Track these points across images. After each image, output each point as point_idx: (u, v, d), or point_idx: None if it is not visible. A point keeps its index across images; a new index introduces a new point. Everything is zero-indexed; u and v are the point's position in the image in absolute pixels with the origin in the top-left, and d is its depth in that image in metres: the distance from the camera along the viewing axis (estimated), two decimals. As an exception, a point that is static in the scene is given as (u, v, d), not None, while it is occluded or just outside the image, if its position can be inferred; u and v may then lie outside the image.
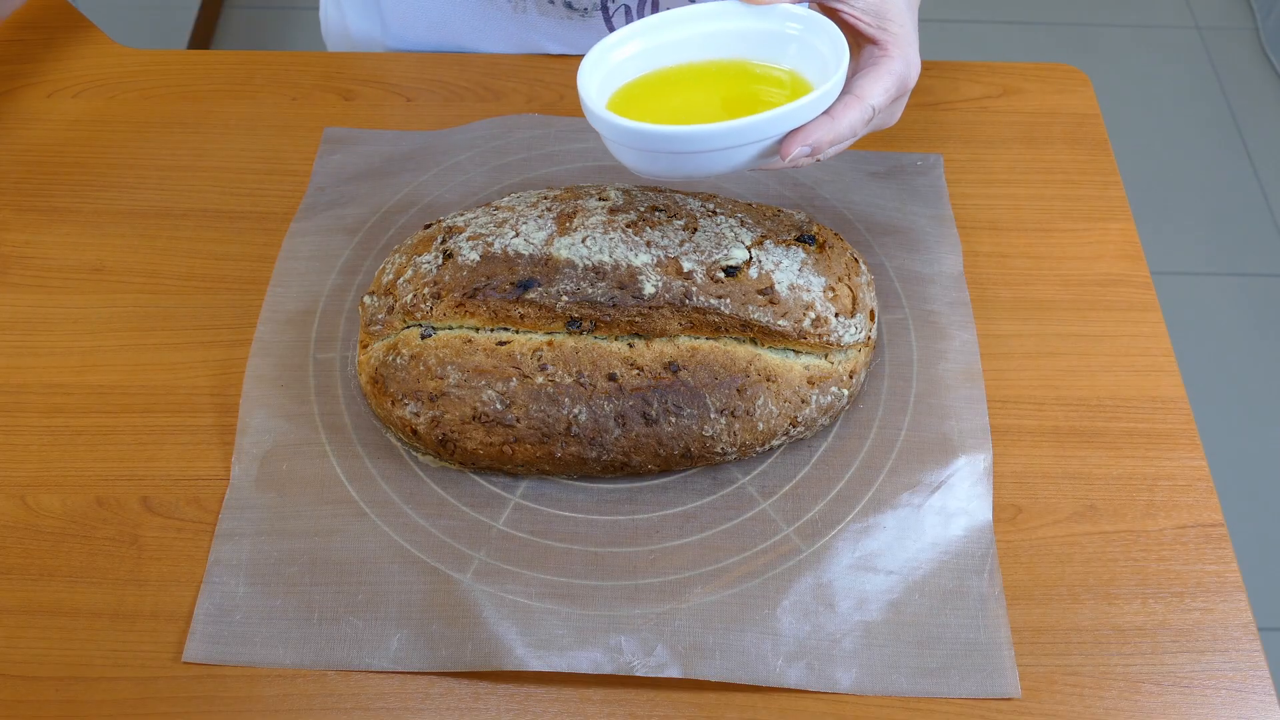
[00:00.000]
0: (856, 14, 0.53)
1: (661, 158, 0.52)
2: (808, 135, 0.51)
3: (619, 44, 0.54)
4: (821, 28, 0.53)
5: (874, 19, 0.53)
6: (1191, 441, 0.62)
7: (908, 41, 0.54)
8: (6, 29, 0.82)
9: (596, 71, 0.54)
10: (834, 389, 0.59)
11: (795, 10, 0.54)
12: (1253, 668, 0.55)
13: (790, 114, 0.50)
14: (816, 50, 0.54)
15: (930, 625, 0.55)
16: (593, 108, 0.51)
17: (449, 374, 0.57)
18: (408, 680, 0.54)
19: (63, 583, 0.56)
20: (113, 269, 0.69)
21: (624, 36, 0.55)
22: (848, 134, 0.52)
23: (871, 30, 0.54)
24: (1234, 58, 2.04)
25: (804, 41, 0.54)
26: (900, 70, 0.53)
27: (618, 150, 0.53)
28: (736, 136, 0.50)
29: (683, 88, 0.56)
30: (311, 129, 0.76)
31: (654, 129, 0.50)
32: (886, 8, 0.53)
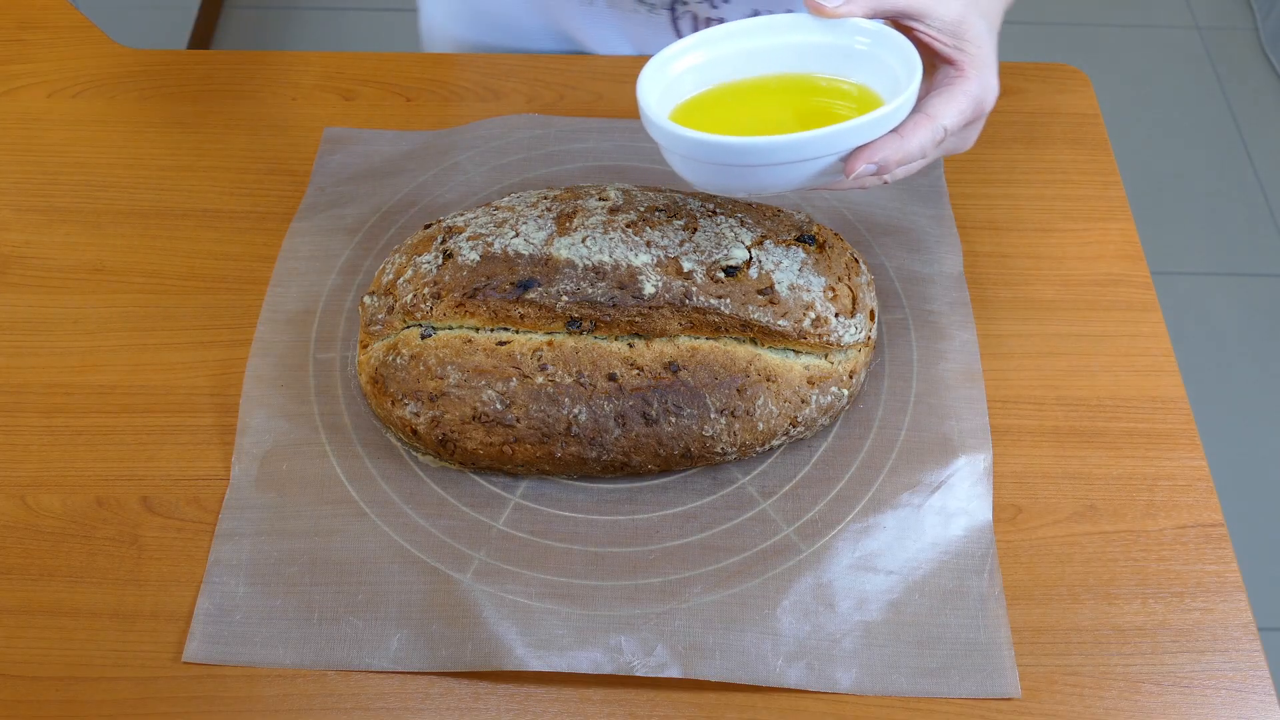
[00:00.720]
0: (933, 33, 0.51)
1: (721, 170, 0.50)
2: (874, 152, 0.49)
3: (680, 54, 0.53)
4: (893, 43, 0.51)
5: (951, 39, 0.51)
6: (1191, 441, 0.62)
7: (985, 64, 0.52)
8: (6, 29, 0.82)
9: (657, 82, 0.52)
10: (834, 389, 0.59)
11: (865, 25, 0.52)
12: (1253, 668, 0.55)
13: (857, 129, 0.48)
14: (888, 67, 0.51)
15: (930, 625, 0.55)
16: (652, 117, 0.50)
17: (449, 374, 0.57)
18: (408, 680, 0.54)
19: (63, 583, 0.56)
20: (113, 269, 0.69)
21: (685, 47, 0.53)
22: (917, 154, 0.50)
23: (948, 50, 0.51)
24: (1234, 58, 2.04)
25: (874, 57, 0.52)
26: (976, 93, 0.51)
27: (676, 162, 0.52)
28: (800, 150, 0.48)
29: (747, 101, 0.54)
30: (311, 129, 0.76)
31: (714, 139, 0.48)
32: (965, 28, 0.51)
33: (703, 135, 0.48)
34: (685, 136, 0.49)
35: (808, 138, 0.47)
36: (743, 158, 0.49)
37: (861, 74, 0.53)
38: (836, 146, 0.48)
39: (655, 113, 0.50)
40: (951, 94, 0.51)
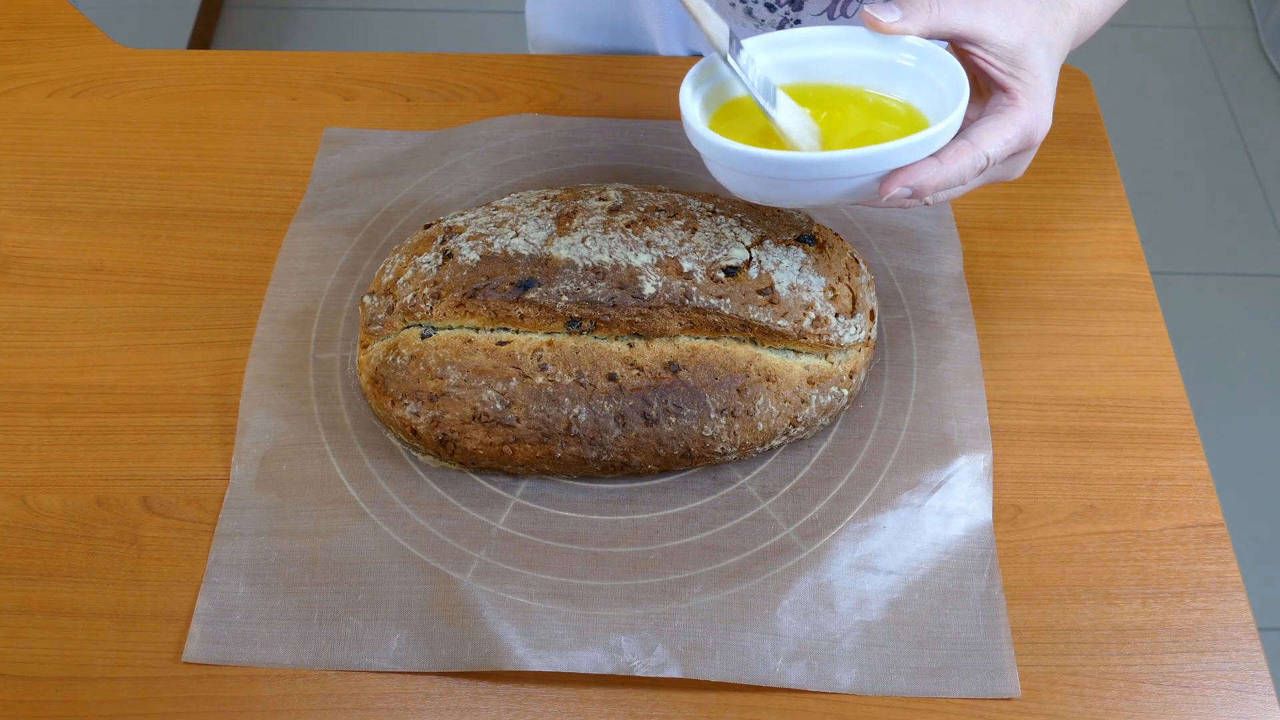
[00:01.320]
0: (990, 58, 0.50)
1: (757, 181, 0.50)
2: (910, 176, 0.48)
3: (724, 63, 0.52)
4: (942, 64, 0.50)
5: (1008, 65, 0.50)
6: (1191, 441, 0.62)
7: (1040, 94, 0.50)
8: (6, 29, 0.82)
9: (700, 88, 0.52)
10: (834, 389, 0.59)
11: (915, 43, 0.51)
12: (1253, 668, 0.55)
13: (895, 152, 0.47)
14: (936, 87, 0.51)
15: (930, 625, 0.55)
16: (693, 125, 0.50)
17: (449, 374, 0.57)
18: (408, 680, 0.54)
19: (63, 583, 0.56)
20: (113, 269, 0.69)
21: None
22: (956, 181, 0.49)
23: (1003, 77, 0.50)
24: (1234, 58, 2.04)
25: (922, 76, 0.51)
26: (1026, 123, 0.50)
27: (715, 169, 0.51)
28: (838, 169, 0.47)
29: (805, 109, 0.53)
30: (311, 129, 0.76)
31: (749, 151, 0.48)
32: (1024, 55, 0.50)
33: (737, 146, 0.48)
34: (721, 146, 0.49)
35: (845, 157, 0.47)
36: (777, 170, 0.48)
37: (909, 92, 0.52)
38: (875, 167, 0.48)
39: (696, 119, 0.50)
40: (1000, 123, 0.49)
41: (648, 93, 0.79)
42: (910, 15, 0.50)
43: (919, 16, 0.50)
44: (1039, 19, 0.51)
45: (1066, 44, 0.53)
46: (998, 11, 0.50)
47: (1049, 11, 0.51)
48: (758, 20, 0.77)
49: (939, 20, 0.50)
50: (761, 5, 0.75)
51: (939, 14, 0.49)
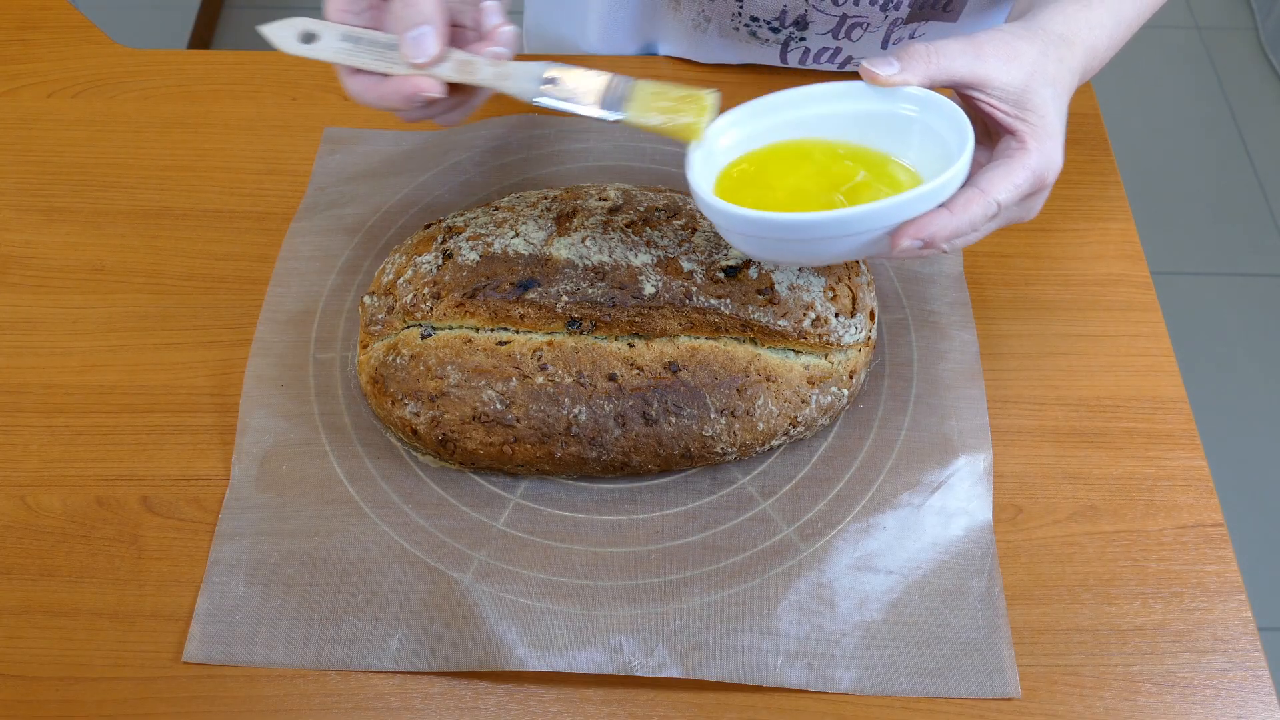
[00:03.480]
0: (994, 102, 0.49)
1: (768, 243, 0.50)
2: (921, 229, 0.47)
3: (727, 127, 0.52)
4: (944, 112, 0.49)
5: (1014, 108, 0.49)
6: (1191, 441, 0.62)
7: (1048, 134, 0.49)
8: (6, 29, 0.82)
9: (704, 153, 0.51)
10: (834, 389, 0.59)
11: (918, 93, 0.50)
12: (1253, 668, 0.55)
13: (903, 205, 0.46)
14: (938, 136, 0.50)
15: (930, 625, 0.55)
16: (699, 192, 0.49)
17: (449, 374, 0.57)
18: (408, 680, 0.54)
19: (63, 583, 0.56)
20: (113, 269, 0.69)
21: (733, 120, 0.52)
22: (967, 229, 0.48)
23: (1009, 120, 0.49)
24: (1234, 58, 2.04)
25: (926, 125, 0.50)
26: (1035, 165, 0.49)
27: (726, 234, 0.51)
28: (846, 226, 0.47)
29: (796, 169, 0.53)
30: (311, 129, 0.76)
31: (758, 216, 0.47)
32: (1029, 96, 0.49)
33: (747, 212, 0.48)
34: (730, 212, 0.48)
35: (852, 214, 0.46)
36: (787, 232, 0.48)
37: (914, 142, 0.51)
38: (884, 221, 0.47)
39: (701, 186, 0.50)
40: (1009, 167, 0.48)
41: (648, 93, 0.79)
42: (908, 66, 0.49)
43: (917, 67, 0.49)
44: (1041, 59, 0.50)
45: (1073, 81, 0.52)
46: (998, 55, 0.49)
47: (1051, 50, 0.50)
48: (762, 40, 0.77)
49: (938, 69, 0.49)
50: (765, 28, 0.75)
51: (938, 63, 0.49)
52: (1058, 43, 0.51)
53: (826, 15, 0.72)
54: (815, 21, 0.73)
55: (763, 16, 0.74)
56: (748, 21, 0.75)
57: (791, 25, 0.74)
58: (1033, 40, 0.50)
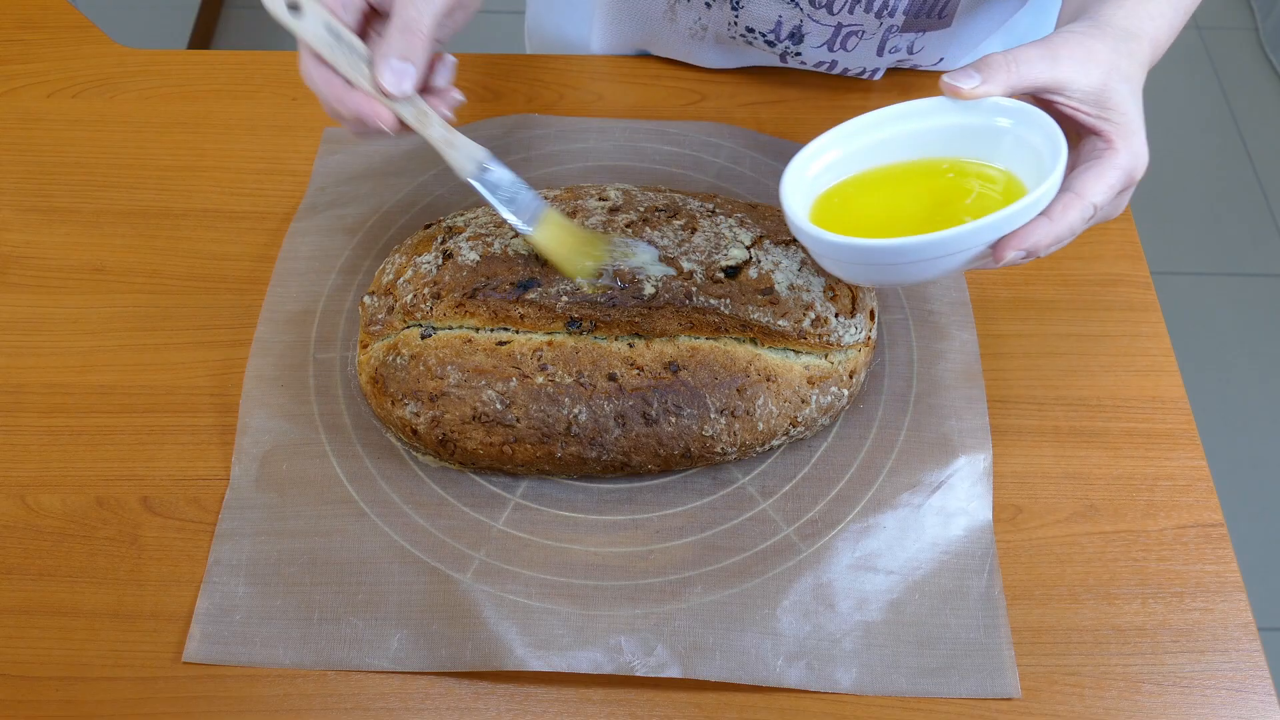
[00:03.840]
0: (1075, 105, 0.49)
1: (870, 269, 0.50)
2: (1024, 239, 0.47)
3: (819, 152, 0.52)
4: (1035, 121, 0.49)
5: (1095, 108, 0.49)
6: (1191, 441, 0.62)
7: (1133, 131, 0.49)
8: (6, 29, 0.82)
9: (800, 180, 0.51)
10: (834, 389, 0.59)
11: (1005, 103, 0.50)
12: (1253, 668, 0.55)
13: (1006, 219, 0.47)
14: (1030, 144, 0.50)
15: (930, 625, 0.55)
16: (797, 222, 0.49)
17: (449, 374, 0.57)
18: (408, 680, 0.54)
19: (63, 583, 0.56)
20: (113, 269, 0.69)
21: (825, 144, 0.52)
22: (1067, 235, 0.48)
23: (1093, 121, 0.49)
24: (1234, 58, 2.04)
25: (1017, 136, 0.50)
26: (1126, 164, 0.49)
27: (823, 261, 0.51)
28: (949, 246, 0.47)
29: (890, 190, 0.53)
30: (311, 129, 0.76)
31: (861, 243, 0.47)
32: (1108, 95, 0.49)
33: (848, 240, 0.47)
34: (830, 241, 0.48)
35: (955, 234, 0.46)
36: (890, 257, 0.48)
37: (1005, 153, 0.51)
38: (987, 237, 0.47)
39: (799, 215, 0.49)
40: (1101, 169, 0.49)
41: (648, 93, 0.79)
42: (990, 77, 0.49)
43: (999, 77, 0.49)
44: (1115, 56, 0.50)
45: (1142, 74, 0.52)
46: (1073, 57, 0.49)
47: (1122, 46, 0.51)
48: (758, 51, 0.78)
49: (1019, 78, 0.49)
50: (761, 40, 0.76)
51: (1018, 71, 0.49)
52: (1125, 38, 0.51)
53: (822, 26, 0.73)
54: (811, 33, 0.73)
55: (758, 28, 0.74)
56: (743, 32, 0.75)
57: (787, 38, 0.74)
58: (1104, 38, 0.50)
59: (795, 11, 0.72)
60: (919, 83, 0.80)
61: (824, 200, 0.53)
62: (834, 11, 0.71)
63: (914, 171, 0.53)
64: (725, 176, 0.73)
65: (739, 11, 0.73)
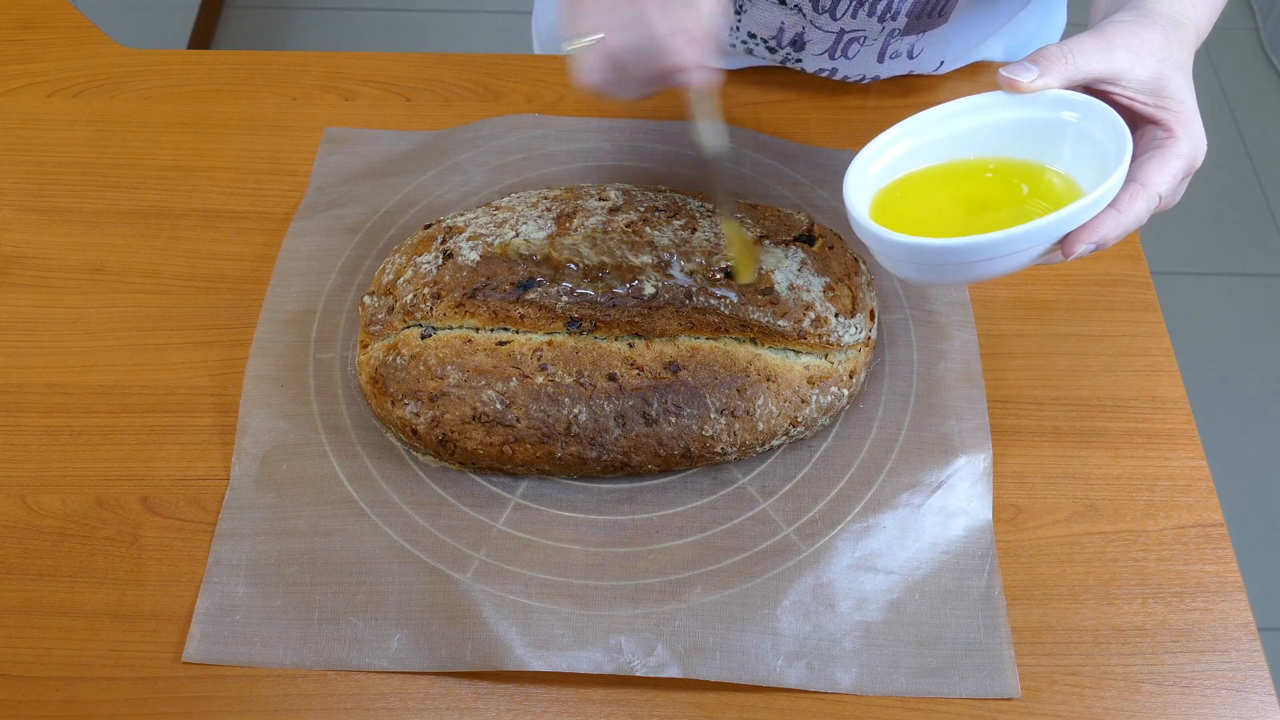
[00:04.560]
0: (1131, 94, 0.49)
1: (936, 269, 0.49)
2: (1093, 233, 0.47)
3: (884, 148, 0.51)
4: (1100, 115, 0.49)
5: (1151, 97, 0.49)
6: (1191, 441, 0.62)
7: (1191, 117, 0.49)
8: (6, 29, 0.82)
9: (862, 178, 0.51)
10: (834, 389, 0.59)
11: (1072, 97, 0.50)
12: (1253, 668, 0.55)
13: (1075, 214, 0.46)
14: (1093, 138, 0.50)
15: (930, 625, 0.55)
16: (861, 220, 0.48)
17: (449, 374, 0.57)
18: (408, 680, 0.54)
19: (63, 583, 0.56)
20: (113, 269, 0.69)
21: (890, 139, 0.51)
22: (1134, 225, 0.48)
23: (1150, 110, 0.49)
24: (1234, 58, 2.04)
25: (1081, 129, 0.50)
26: (1187, 152, 0.49)
27: (886, 261, 0.50)
28: (1018, 243, 0.47)
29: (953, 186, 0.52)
30: (311, 129, 0.76)
31: (929, 243, 0.46)
32: (1163, 84, 0.49)
33: (916, 240, 0.47)
34: (897, 241, 0.47)
35: (1025, 231, 0.46)
36: (959, 256, 0.47)
37: (1069, 147, 0.51)
38: (1055, 234, 0.47)
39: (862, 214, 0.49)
40: (1164, 158, 0.49)
41: (648, 93, 0.79)
42: (1047, 69, 0.49)
43: (1057, 69, 0.49)
44: (1166, 44, 0.50)
45: (1190, 61, 0.52)
46: (1127, 46, 0.49)
47: (1172, 34, 0.51)
48: (759, 59, 0.78)
49: (1076, 69, 0.49)
50: (763, 47, 0.76)
51: (1075, 62, 0.49)
52: (1174, 25, 0.51)
53: (824, 32, 0.73)
54: (812, 40, 0.74)
55: (760, 34, 0.74)
56: (745, 39, 0.75)
57: (789, 45, 0.74)
58: (1154, 27, 0.50)
59: (798, 18, 0.72)
60: (922, 83, 0.80)
61: (884, 197, 0.52)
62: (836, 17, 0.71)
63: (976, 168, 0.52)
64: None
65: (741, 17, 0.73)
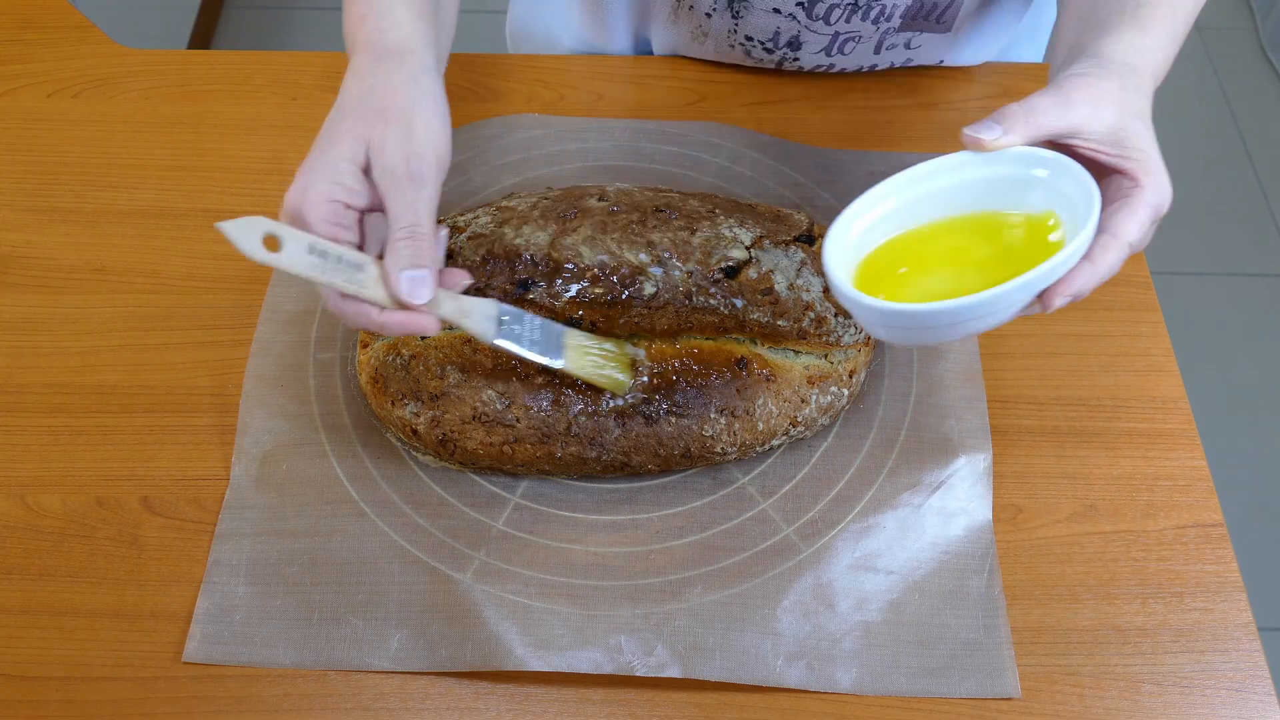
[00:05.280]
0: (1093, 146, 0.50)
1: (921, 332, 0.50)
2: (1070, 286, 0.48)
3: (860, 214, 0.52)
4: (1070, 172, 0.50)
5: (1113, 148, 0.50)
6: (1191, 441, 0.62)
7: (1155, 164, 0.50)
8: (6, 29, 0.82)
9: (841, 246, 0.51)
10: (834, 389, 0.59)
11: (1041, 154, 0.50)
12: (1253, 668, 0.55)
13: (1051, 270, 0.47)
14: (1063, 192, 0.50)
15: (930, 625, 0.55)
16: (842, 288, 0.49)
17: (449, 374, 0.57)
18: (408, 680, 0.54)
19: (63, 583, 0.56)
20: (113, 269, 0.69)
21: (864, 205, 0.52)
22: (1108, 275, 0.49)
23: (1114, 160, 0.50)
24: (1234, 58, 2.04)
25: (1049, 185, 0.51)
26: (1153, 200, 0.50)
27: (872, 328, 0.51)
28: (1000, 303, 0.47)
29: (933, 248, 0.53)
30: (311, 129, 0.76)
31: (913, 309, 0.47)
32: (1124, 134, 0.50)
33: (901, 307, 0.47)
34: (882, 309, 0.48)
35: (1004, 291, 0.47)
36: (944, 319, 0.48)
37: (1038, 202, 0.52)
38: (1033, 291, 0.48)
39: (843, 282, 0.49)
40: (1132, 207, 0.49)
41: (647, 93, 0.79)
42: (1010, 128, 0.50)
43: (1018, 127, 0.50)
44: (1123, 94, 0.50)
45: (1149, 106, 0.52)
46: (1085, 100, 0.50)
47: (1128, 82, 0.51)
48: (756, 60, 0.78)
49: (1037, 127, 0.50)
50: (760, 49, 0.76)
51: (1035, 121, 0.50)
52: (1129, 73, 0.51)
53: (819, 35, 0.73)
54: (808, 42, 0.74)
55: (757, 36, 0.75)
56: (743, 40, 0.76)
57: (785, 46, 0.75)
58: (1109, 77, 0.51)
59: (793, 24, 0.72)
60: (922, 83, 0.80)
61: (868, 264, 0.53)
62: (831, 22, 0.72)
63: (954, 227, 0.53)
64: (725, 176, 0.73)
65: (739, 20, 0.74)
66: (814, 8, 0.71)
